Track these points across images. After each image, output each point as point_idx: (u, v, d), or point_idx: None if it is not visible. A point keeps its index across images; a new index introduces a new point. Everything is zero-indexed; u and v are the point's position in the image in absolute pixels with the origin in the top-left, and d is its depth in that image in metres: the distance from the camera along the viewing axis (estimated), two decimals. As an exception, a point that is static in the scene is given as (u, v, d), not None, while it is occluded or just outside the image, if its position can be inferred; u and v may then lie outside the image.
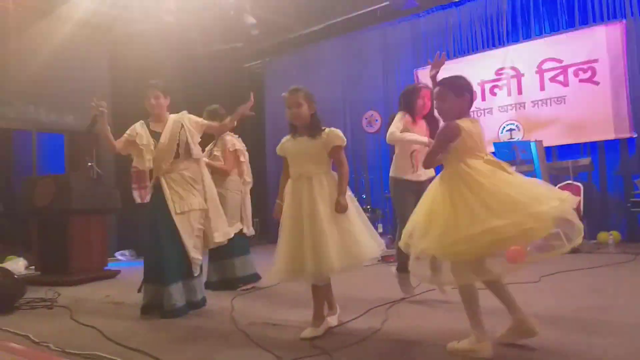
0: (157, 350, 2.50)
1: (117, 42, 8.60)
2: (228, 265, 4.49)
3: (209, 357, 2.44)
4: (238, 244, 4.49)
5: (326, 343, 2.50)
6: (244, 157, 4.66)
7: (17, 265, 6.58)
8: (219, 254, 4.36)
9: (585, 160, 6.48)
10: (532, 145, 5.97)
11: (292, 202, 2.79)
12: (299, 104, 2.82)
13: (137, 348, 2.53)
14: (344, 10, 9.11)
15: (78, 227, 5.38)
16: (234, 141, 4.60)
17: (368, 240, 2.75)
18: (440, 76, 3.05)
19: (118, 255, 8.04)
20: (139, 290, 4.44)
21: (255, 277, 4.59)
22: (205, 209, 3.59)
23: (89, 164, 5.67)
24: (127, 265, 6.82)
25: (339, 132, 2.85)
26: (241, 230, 4.53)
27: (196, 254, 3.51)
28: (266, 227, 9.78)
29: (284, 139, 2.96)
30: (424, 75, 8.33)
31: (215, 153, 4.56)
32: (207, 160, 4.27)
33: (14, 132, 8.01)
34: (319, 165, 2.80)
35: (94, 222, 5.59)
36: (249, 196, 4.72)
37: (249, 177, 4.70)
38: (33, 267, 6.77)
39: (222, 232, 3.70)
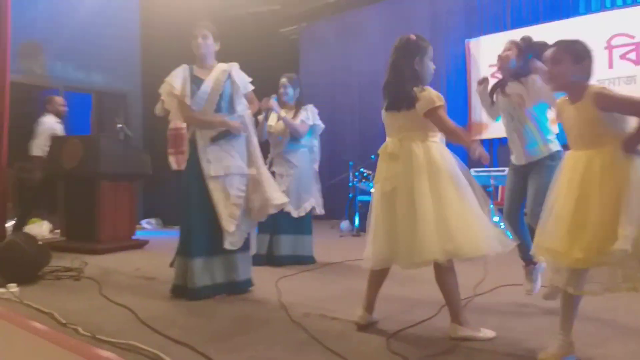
0: (203, 344, 2.11)
1: (148, 1, 8.16)
2: (286, 241, 4.24)
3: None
4: (308, 221, 4.32)
5: (405, 348, 2.08)
6: (317, 135, 4.49)
7: (42, 228, 6.32)
8: (278, 228, 4.17)
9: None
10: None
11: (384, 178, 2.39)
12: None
13: (180, 340, 2.14)
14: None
15: (106, 192, 5.04)
16: (316, 116, 4.39)
17: (479, 230, 2.19)
18: (499, 48, 2.98)
19: (144, 223, 7.76)
20: (171, 265, 4.11)
21: (311, 260, 4.25)
22: (247, 174, 3.11)
23: (119, 125, 5.29)
24: (154, 235, 6.50)
25: (437, 95, 2.32)
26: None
27: (229, 225, 2.99)
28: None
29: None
30: (475, 47, 7.75)
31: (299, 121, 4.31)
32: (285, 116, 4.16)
33: (41, 90, 7.66)
34: (417, 135, 2.35)
35: (123, 187, 5.24)
36: (317, 174, 4.49)
37: (318, 155, 4.51)
38: (58, 230, 6.56)
39: (278, 196, 3.18)
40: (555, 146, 2.75)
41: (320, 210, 4.43)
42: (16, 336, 2.39)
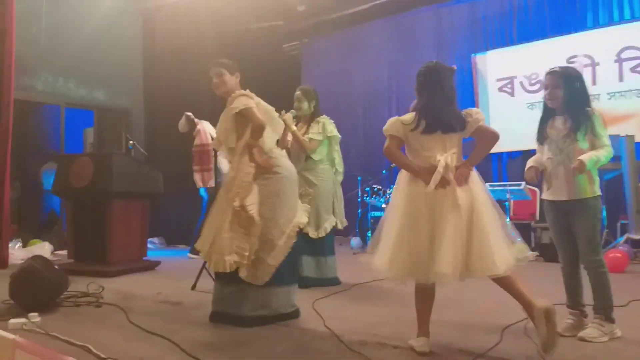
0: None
1: (151, 17, 8.05)
2: (314, 263, 4.09)
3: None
4: (329, 241, 4.15)
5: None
6: (338, 146, 4.30)
7: (43, 249, 6.08)
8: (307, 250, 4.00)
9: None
10: (622, 140, 5.34)
11: (407, 198, 2.39)
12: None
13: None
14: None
15: (118, 211, 4.83)
16: (331, 127, 4.22)
17: (500, 250, 2.26)
18: (506, 63, 2.95)
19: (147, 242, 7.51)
20: (193, 288, 3.93)
21: (336, 281, 4.09)
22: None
23: (130, 142, 5.10)
24: (159, 254, 6.27)
25: (478, 111, 2.47)
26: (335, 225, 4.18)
27: None
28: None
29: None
30: (482, 61, 7.74)
31: (310, 135, 4.13)
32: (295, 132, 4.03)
33: (41, 106, 7.46)
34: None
35: (134, 206, 5.04)
36: (340, 187, 4.35)
37: (340, 167, 4.33)
38: (60, 252, 6.30)
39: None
40: (599, 189, 2.58)
41: (342, 226, 4.29)
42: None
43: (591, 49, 6.72)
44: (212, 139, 3.93)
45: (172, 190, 6.66)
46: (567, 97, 2.56)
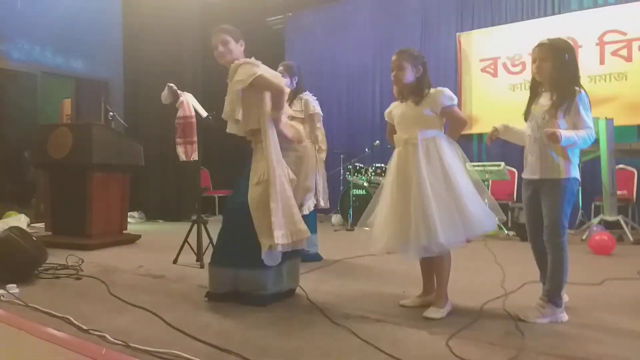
0: (252, 353, 1.95)
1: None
2: None
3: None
4: (312, 219, 4.02)
5: (469, 351, 1.97)
6: (320, 123, 4.18)
7: (20, 222, 5.95)
8: None
9: (640, 145, 5.99)
10: (601, 123, 5.43)
11: (396, 169, 2.61)
12: (401, 67, 2.59)
13: (229, 349, 1.97)
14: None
15: (98, 184, 4.76)
16: (314, 104, 4.12)
17: (479, 212, 2.49)
18: (490, 43, 2.97)
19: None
20: (175, 261, 3.92)
21: (317, 257, 4.10)
22: None
23: (110, 113, 4.99)
24: (139, 228, 6.22)
25: (446, 91, 2.59)
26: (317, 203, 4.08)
27: None
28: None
29: (391, 105, 2.78)
30: (466, 40, 7.73)
31: (290, 112, 3.95)
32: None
33: (16, 74, 7.22)
34: (424, 130, 2.56)
35: (115, 179, 4.97)
36: (323, 165, 4.24)
37: (323, 144, 4.21)
38: (37, 224, 6.20)
39: None
40: (576, 173, 2.48)
41: (325, 204, 4.25)
42: (32, 346, 2.17)
43: (574, 31, 6.75)
44: (195, 110, 3.81)
45: (152, 164, 6.55)
46: (554, 70, 2.45)
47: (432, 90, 2.60)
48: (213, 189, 9.00)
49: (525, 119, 2.62)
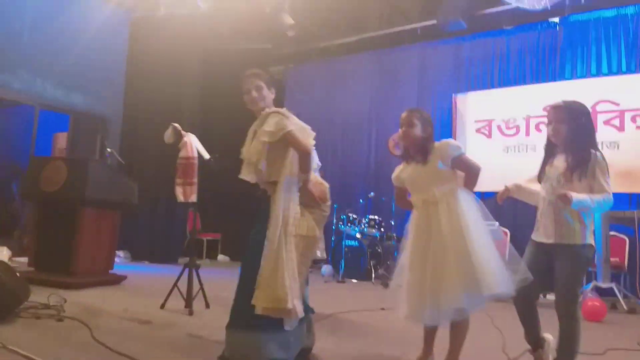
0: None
1: (139, 27, 7.94)
2: None
3: None
4: None
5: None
6: (317, 172, 4.04)
7: (1, 255, 5.77)
8: None
9: (633, 213, 6.03)
10: (595, 189, 5.47)
11: (417, 231, 2.53)
12: (412, 123, 2.59)
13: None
14: (381, 26, 8.69)
15: (89, 220, 4.65)
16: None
17: (500, 272, 2.37)
18: (485, 105, 2.94)
19: (113, 255, 7.24)
20: (163, 307, 3.78)
21: (310, 310, 3.93)
22: None
23: (108, 150, 4.95)
24: (124, 269, 6.02)
25: (451, 142, 2.62)
26: None
27: None
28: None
29: (397, 169, 2.75)
30: (462, 101, 7.91)
31: None
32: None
33: (14, 106, 7.21)
34: (440, 186, 2.51)
35: (106, 216, 4.87)
36: None
37: None
38: (19, 259, 5.99)
39: None
40: (591, 239, 2.42)
41: (322, 254, 4.16)
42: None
43: (568, 99, 6.93)
44: (198, 152, 3.76)
45: (143, 203, 6.45)
46: (570, 133, 2.42)
47: (436, 144, 2.59)
48: (202, 231, 8.88)
49: (539, 181, 2.56)
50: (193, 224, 4.01)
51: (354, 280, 6.57)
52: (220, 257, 8.83)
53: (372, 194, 7.21)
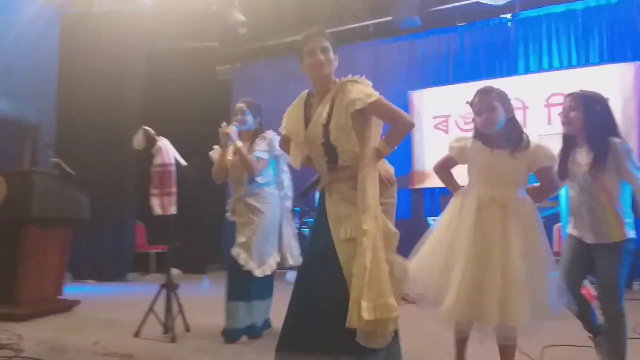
0: None
1: (73, 21, 7.20)
2: (249, 307, 3.32)
3: None
4: (269, 281, 3.45)
5: None
6: (287, 166, 3.60)
7: None
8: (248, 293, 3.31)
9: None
10: (561, 180, 5.55)
11: (477, 229, 2.17)
12: (492, 107, 2.21)
13: None
14: (333, 23, 8.47)
15: (34, 240, 4.05)
16: (275, 144, 3.42)
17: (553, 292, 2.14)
18: (441, 101, 2.76)
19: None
20: (137, 335, 3.30)
21: (267, 325, 3.51)
22: None
23: (53, 159, 4.34)
24: (70, 291, 5.34)
25: (548, 149, 2.25)
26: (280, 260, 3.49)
27: None
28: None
29: (462, 140, 2.35)
30: (417, 98, 7.86)
31: (256, 153, 3.40)
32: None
33: None
34: (516, 188, 2.23)
35: (54, 235, 4.27)
36: (290, 215, 3.68)
37: (290, 191, 3.65)
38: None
39: None
40: (632, 232, 2.31)
41: (295, 261, 3.51)
42: None
43: (522, 93, 7.06)
44: (176, 159, 3.30)
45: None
46: (587, 121, 2.32)
47: (532, 144, 2.25)
48: (149, 244, 8.24)
49: (562, 178, 2.43)
50: (171, 236, 3.56)
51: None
52: (172, 270, 8.21)
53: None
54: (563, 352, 2.83)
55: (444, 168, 2.44)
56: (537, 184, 2.34)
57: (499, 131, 2.24)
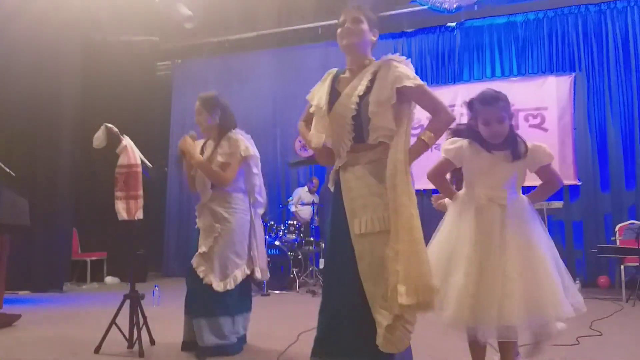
0: None
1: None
2: (211, 324, 2.99)
3: None
4: (234, 296, 3.07)
5: None
6: (257, 168, 3.27)
7: None
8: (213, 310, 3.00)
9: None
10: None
11: (478, 231, 2.15)
12: (500, 118, 2.19)
13: None
14: (280, 23, 8.36)
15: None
16: (246, 143, 3.18)
17: (561, 294, 2.08)
18: None
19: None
20: (98, 350, 3.04)
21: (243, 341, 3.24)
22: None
23: (-10, 159, 3.91)
24: (6, 305, 4.86)
25: (545, 147, 2.25)
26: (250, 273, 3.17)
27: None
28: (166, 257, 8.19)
29: (459, 142, 2.27)
30: (367, 102, 7.94)
31: (219, 158, 3.10)
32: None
33: None
34: (514, 188, 2.24)
35: (-9, 243, 3.84)
36: (260, 223, 3.34)
37: (262, 196, 3.30)
38: None
39: None
40: None
41: (263, 275, 3.24)
42: None
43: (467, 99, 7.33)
44: (141, 159, 3.03)
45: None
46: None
47: (530, 145, 2.22)
48: (82, 251, 7.72)
49: None
50: (136, 243, 3.29)
51: (277, 292, 6.19)
52: (109, 279, 7.73)
53: (291, 199, 6.88)
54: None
55: (440, 173, 2.37)
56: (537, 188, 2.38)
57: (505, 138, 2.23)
